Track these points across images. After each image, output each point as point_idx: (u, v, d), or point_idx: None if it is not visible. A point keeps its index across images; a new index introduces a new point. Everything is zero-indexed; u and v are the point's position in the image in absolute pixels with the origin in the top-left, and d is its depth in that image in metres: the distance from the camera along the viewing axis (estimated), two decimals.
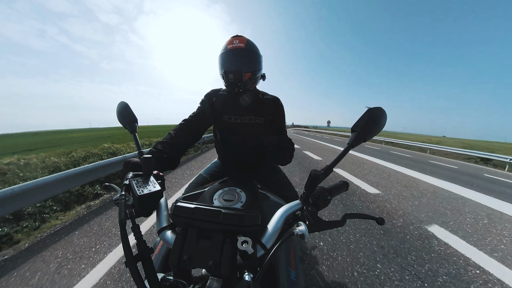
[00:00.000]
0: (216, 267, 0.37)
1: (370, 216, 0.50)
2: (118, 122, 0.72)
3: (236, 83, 0.95)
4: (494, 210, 3.21)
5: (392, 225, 2.47)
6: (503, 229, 2.58)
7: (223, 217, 0.41)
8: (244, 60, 0.96)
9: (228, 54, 0.96)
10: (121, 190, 0.48)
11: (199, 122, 1.01)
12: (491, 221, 2.78)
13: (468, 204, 3.41)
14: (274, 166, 1.24)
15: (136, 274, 0.37)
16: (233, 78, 0.93)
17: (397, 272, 1.67)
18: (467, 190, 4.26)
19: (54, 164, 4.15)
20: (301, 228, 0.44)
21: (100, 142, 11.52)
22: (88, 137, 25.57)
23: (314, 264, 1.70)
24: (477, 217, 2.91)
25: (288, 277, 0.56)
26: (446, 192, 4.07)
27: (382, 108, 0.52)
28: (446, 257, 1.91)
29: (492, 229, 2.56)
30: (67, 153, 5.17)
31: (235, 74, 0.92)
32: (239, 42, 0.95)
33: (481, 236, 2.36)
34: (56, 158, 4.59)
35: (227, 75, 0.93)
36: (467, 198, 3.73)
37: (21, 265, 1.67)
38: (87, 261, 1.72)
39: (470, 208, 3.25)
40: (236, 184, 0.69)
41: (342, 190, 0.54)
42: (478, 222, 2.72)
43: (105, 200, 3.05)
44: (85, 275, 1.56)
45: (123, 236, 0.39)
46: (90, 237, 2.07)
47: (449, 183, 4.76)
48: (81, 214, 2.61)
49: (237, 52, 0.95)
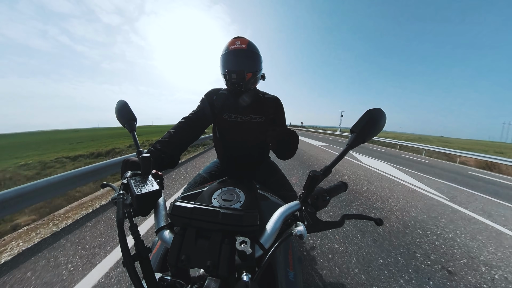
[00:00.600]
0: (214, 267, 0.37)
1: (369, 217, 0.50)
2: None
3: (238, 82, 0.97)
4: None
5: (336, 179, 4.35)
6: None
7: (222, 217, 0.41)
8: (245, 60, 0.98)
9: (230, 55, 0.98)
10: (119, 189, 0.48)
11: (199, 121, 1.01)
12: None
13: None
14: (273, 166, 1.24)
15: (133, 274, 0.37)
16: (236, 77, 0.95)
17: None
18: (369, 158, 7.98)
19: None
20: (300, 229, 0.44)
21: (117, 139, 11.90)
22: (108, 135, 26.73)
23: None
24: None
25: (286, 277, 0.56)
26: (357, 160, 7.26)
27: (381, 109, 0.52)
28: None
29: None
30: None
31: (238, 74, 0.94)
32: (241, 43, 0.97)
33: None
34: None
35: (230, 75, 0.95)
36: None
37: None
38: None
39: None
40: (235, 184, 0.69)
41: (341, 191, 0.54)
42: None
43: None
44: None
45: (121, 236, 0.39)
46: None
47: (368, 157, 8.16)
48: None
49: (239, 53, 0.97)
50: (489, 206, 3.44)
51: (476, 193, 4.19)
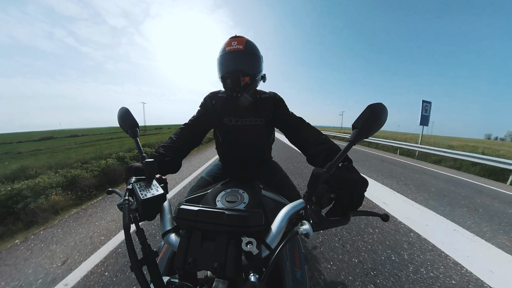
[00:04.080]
0: (222, 269, 0.37)
1: (375, 213, 0.50)
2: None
3: (234, 88, 0.93)
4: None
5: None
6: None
7: (227, 218, 0.41)
8: (242, 63, 0.92)
9: (225, 58, 0.92)
10: (124, 195, 0.48)
11: (200, 125, 1.01)
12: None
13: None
14: (275, 166, 1.24)
15: (141, 278, 0.37)
16: (231, 83, 0.90)
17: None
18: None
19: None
20: (305, 227, 0.44)
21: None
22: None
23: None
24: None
25: (293, 276, 0.56)
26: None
27: (382, 104, 0.51)
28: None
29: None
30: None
31: (233, 79, 0.89)
32: (238, 43, 0.90)
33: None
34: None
35: (225, 81, 0.91)
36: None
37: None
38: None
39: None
40: (238, 185, 0.69)
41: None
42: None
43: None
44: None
45: (128, 241, 0.40)
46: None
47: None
48: None
49: (235, 55, 0.91)
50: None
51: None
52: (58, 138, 57.17)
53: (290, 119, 0.99)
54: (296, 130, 0.92)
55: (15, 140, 66.09)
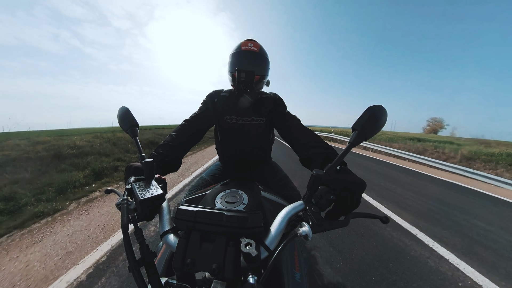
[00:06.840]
0: (220, 270, 0.36)
1: (375, 215, 0.49)
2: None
3: (246, 82, 0.97)
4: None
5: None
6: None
7: (226, 219, 0.41)
8: (256, 63, 1.01)
9: (241, 55, 1.00)
10: (123, 195, 0.48)
11: (200, 123, 1.01)
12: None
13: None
14: (275, 167, 1.24)
15: (139, 279, 0.37)
16: (245, 77, 0.95)
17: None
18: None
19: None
20: (305, 229, 0.43)
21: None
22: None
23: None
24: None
25: (293, 278, 0.56)
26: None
27: (382, 106, 0.51)
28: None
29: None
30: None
31: (248, 73, 0.95)
32: (254, 46, 1.00)
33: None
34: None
35: (239, 73, 0.95)
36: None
37: None
38: None
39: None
40: (237, 186, 0.68)
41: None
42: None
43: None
44: None
45: (126, 241, 0.39)
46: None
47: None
48: None
49: (251, 54, 1.00)
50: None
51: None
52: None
53: (284, 118, 1.01)
54: (288, 131, 0.95)
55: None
